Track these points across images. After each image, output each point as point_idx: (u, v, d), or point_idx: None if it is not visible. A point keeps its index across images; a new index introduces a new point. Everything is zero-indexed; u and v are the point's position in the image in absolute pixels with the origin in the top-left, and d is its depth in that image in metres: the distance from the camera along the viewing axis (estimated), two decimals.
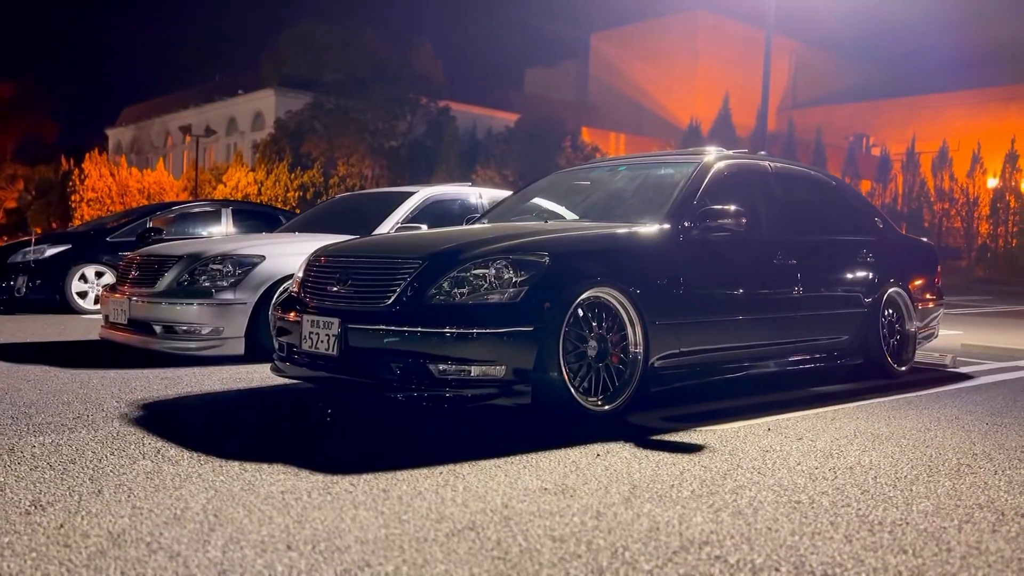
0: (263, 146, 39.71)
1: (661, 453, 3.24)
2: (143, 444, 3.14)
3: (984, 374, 5.97)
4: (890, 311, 5.70)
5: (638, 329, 3.97)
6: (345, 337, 3.73)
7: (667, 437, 3.56)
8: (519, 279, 3.64)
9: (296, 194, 37.22)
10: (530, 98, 58.16)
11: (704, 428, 3.77)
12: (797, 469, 3.05)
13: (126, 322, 5.79)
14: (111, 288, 6.29)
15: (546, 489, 2.68)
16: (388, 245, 4.26)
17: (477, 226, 4.83)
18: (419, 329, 3.56)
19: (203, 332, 5.51)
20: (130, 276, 6.05)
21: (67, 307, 9.37)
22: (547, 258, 3.73)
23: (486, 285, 3.65)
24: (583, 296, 3.76)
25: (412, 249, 3.97)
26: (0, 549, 2.01)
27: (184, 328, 5.53)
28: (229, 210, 10.78)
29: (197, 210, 10.82)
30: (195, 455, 2.99)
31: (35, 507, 2.34)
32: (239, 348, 5.59)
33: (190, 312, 5.54)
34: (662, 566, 2.03)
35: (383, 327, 3.64)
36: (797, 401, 4.59)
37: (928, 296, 6.19)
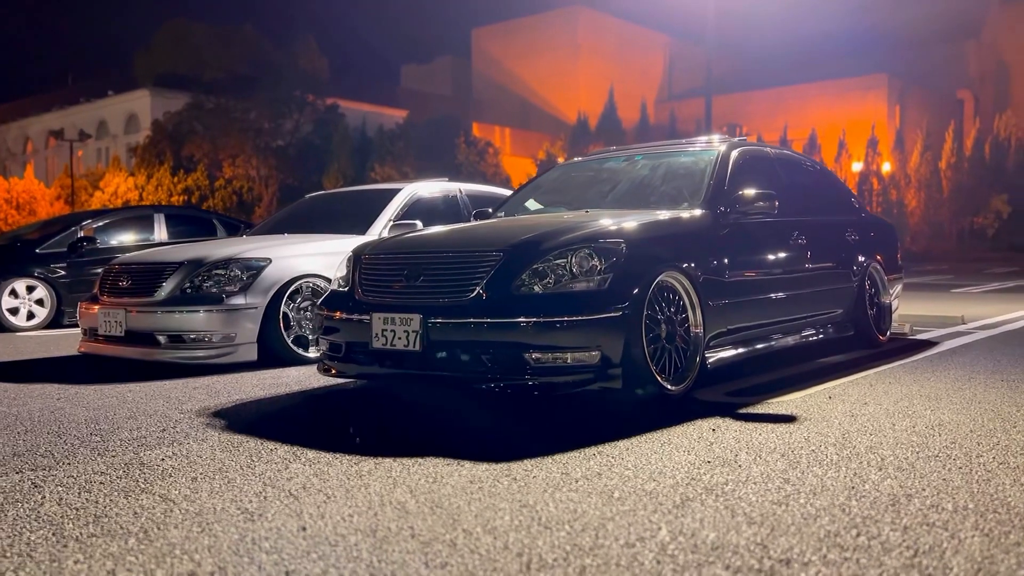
0: (141, 149, 37.88)
1: (766, 424, 3.43)
2: (269, 450, 3.06)
3: (944, 340, 6.50)
4: (868, 284, 6.13)
5: (698, 311, 4.15)
6: (427, 332, 3.73)
7: (752, 410, 3.75)
8: (603, 266, 3.75)
9: (180, 198, 35.71)
10: (416, 94, 57.83)
11: (772, 400, 3.99)
12: (899, 429, 3.30)
13: (122, 334, 5.52)
14: (91, 300, 5.97)
15: (708, 462, 2.81)
16: (457, 239, 4.27)
17: (523, 217, 4.89)
18: (512, 319, 3.61)
19: (214, 339, 5.33)
20: (120, 286, 5.76)
21: None
22: (624, 245, 3.86)
23: (567, 274, 3.74)
24: (656, 280, 3.90)
25: (486, 242, 4.01)
26: (289, 547, 1.97)
27: (193, 336, 5.33)
28: (162, 216, 10.32)
29: (128, 216, 10.32)
30: (336, 456, 2.95)
31: (253, 516, 2.28)
32: (252, 354, 5.44)
33: (198, 319, 5.34)
34: (899, 517, 2.20)
35: (473, 320, 3.66)
36: (821, 371, 4.90)
37: (893, 270, 6.67)
